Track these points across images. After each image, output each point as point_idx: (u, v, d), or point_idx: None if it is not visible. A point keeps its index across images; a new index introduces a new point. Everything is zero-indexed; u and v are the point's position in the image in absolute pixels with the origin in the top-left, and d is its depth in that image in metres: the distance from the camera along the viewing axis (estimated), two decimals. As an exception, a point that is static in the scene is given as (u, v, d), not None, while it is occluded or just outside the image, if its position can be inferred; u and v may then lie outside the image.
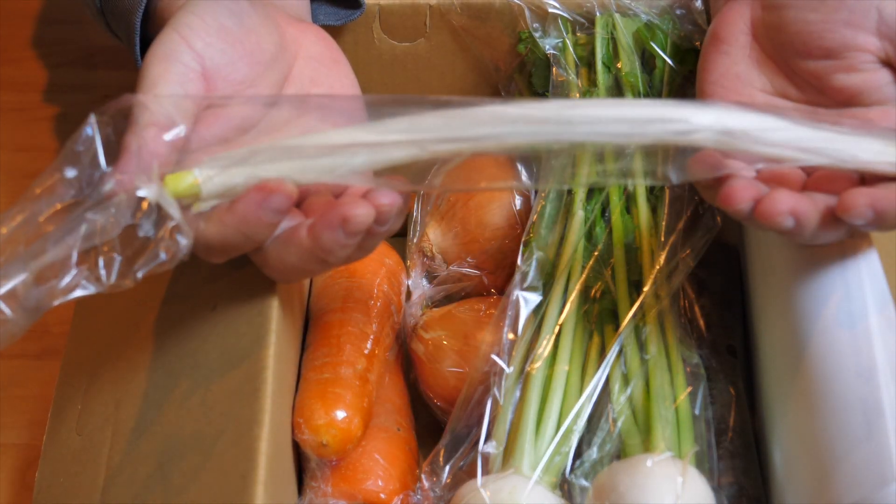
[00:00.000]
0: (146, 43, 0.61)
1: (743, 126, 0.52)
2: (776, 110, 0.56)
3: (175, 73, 0.53)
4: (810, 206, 0.52)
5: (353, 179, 0.53)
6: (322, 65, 0.62)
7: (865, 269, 0.57)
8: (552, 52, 0.73)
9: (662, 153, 0.55)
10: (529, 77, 0.75)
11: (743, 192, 0.53)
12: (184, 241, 0.51)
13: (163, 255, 0.50)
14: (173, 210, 0.51)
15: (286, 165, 0.52)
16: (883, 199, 0.51)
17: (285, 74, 0.60)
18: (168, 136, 0.51)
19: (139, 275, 0.50)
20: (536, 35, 0.74)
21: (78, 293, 0.49)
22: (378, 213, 0.52)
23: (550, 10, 0.74)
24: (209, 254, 0.54)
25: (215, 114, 0.56)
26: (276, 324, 0.59)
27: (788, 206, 0.52)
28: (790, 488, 0.59)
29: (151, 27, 0.62)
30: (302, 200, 0.56)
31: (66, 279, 0.49)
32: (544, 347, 0.62)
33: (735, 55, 0.60)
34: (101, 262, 0.50)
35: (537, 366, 0.61)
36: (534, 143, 0.53)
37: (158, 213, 0.51)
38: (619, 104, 0.53)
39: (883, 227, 0.53)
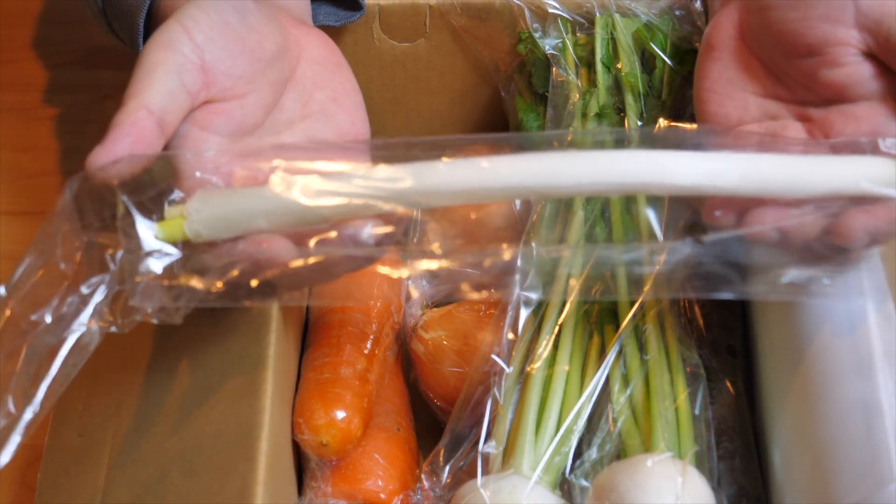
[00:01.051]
0: None
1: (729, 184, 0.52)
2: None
3: (173, 63, 0.53)
4: (796, 219, 0.53)
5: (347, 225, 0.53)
6: (325, 68, 0.62)
7: (865, 269, 0.57)
8: (552, 52, 0.73)
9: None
10: (529, 77, 0.75)
11: (729, 205, 0.54)
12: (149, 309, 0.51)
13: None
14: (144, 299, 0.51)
15: (278, 215, 0.52)
16: (879, 222, 0.52)
17: (287, 75, 0.60)
18: (156, 122, 0.52)
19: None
20: (536, 35, 0.74)
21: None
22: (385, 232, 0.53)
23: (550, 10, 0.74)
24: None
25: (215, 110, 0.56)
26: (276, 324, 0.59)
27: (772, 218, 0.53)
28: (790, 488, 0.59)
29: (155, 27, 0.62)
30: None
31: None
32: (544, 347, 0.62)
33: (726, 61, 0.61)
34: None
35: (537, 366, 0.61)
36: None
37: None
38: (604, 160, 0.53)
39: (876, 246, 0.54)
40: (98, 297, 0.50)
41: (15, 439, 0.48)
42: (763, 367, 0.65)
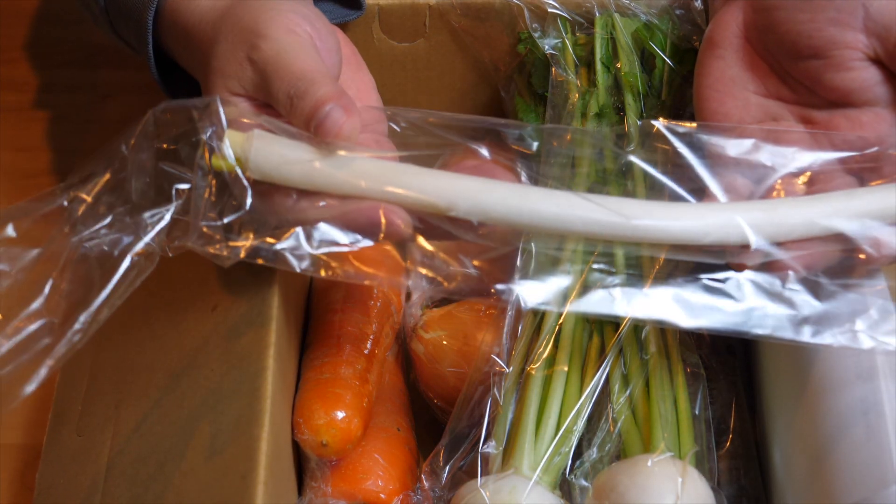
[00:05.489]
0: (157, 42, 0.61)
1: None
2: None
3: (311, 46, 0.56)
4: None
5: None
6: (349, 66, 0.62)
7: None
8: (551, 52, 0.73)
9: None
10: (529, 77, 0.75)
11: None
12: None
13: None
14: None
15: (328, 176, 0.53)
16: None
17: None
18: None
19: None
20: (536, 35, 0.74)
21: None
22: None
23: (550, 10, 0.74)
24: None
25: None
26: (276, 324, 0.59)
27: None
28: (790, 489, 0.59)
29: (161, 25, 0.62)
30: None
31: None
32: (544, 348, 0.62)
33: (729, 59, 0.61)
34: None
35: (537, 366, 0.61)
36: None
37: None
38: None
39: None
40: (160, 225, 0.52)
41: (60, 350, 0.49)
42: (763, 367, 0.65)
